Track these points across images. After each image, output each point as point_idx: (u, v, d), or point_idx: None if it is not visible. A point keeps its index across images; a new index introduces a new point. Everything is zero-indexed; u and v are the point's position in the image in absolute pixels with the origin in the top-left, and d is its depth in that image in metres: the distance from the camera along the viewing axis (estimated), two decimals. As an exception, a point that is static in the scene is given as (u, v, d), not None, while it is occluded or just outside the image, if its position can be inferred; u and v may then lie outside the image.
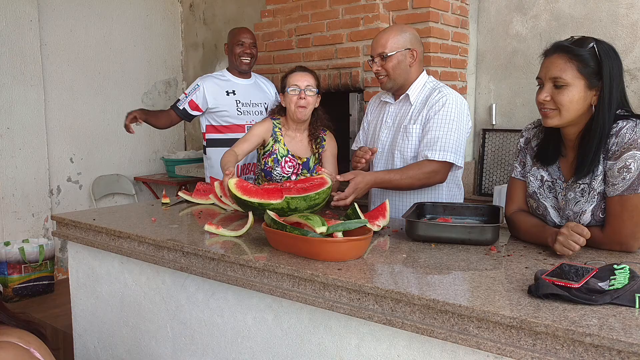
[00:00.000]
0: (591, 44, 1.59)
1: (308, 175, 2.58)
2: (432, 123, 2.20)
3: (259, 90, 3.32)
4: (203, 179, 4.47)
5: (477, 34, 3.75)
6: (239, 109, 3.22)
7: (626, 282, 1.25)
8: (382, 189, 2.38)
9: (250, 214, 1.96)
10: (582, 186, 1.65)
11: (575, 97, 1.60)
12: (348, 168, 3.60)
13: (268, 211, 1.80)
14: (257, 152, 2.67)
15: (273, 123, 2.60)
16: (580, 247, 1.53)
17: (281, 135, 2.57)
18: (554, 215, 1.75)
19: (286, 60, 3.79)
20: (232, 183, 2.10)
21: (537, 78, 1.69)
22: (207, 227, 1.96)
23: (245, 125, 3.20)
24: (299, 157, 2.56)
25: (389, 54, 2.23)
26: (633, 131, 1.55)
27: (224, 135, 3.25)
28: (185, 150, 5.47)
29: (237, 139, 2.83)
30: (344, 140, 3.56)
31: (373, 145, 2.44)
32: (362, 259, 1.61)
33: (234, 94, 3.23)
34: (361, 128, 2.66)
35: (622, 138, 1.55)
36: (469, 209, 2.08)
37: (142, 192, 5.21)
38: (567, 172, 1.71)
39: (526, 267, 1.51)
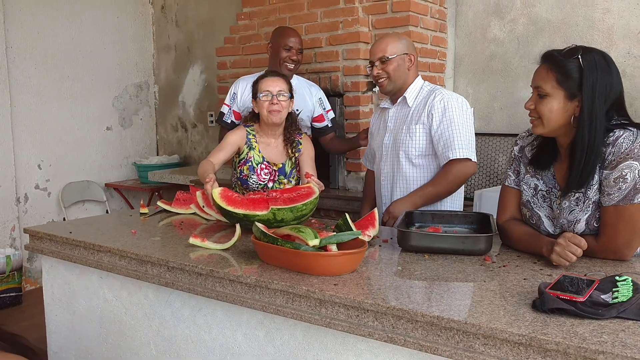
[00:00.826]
0: (576, 55, 1.58)
1: (285, 181, 2.52)
2: (443, 126, 2.29)
3: (296, 97, 3.00)
4: (179, 186, 4.37)
5: (455, 38, 3.76)
6: None
7: (631, 295, 1.23)
8: (389, 186, 2.46)
9: (238, 226, 1.90)
10: (577, 195, 1.64)
11: (555, 107, 1.60)
12: (328, 172, 3.56)
13: (257, 223, 1.74)
14: (233, 160, 2.60)
15: (247, 130, 2.54)
16: (577, 257, 1.52)
17: (255, 142, 2.51)
18: (547, 224, 1.73)
19: (264, 63, 3.70)
20: (216, 193, 2.03)
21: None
22: (192, 240, 1.88)
23: None
24: (274, 164, 2.51)
25: (389, 57, 2.34)
26: (630, 141, 1.54)
27: None
28: (158, 155, 5.35)
29: None
30: (324, 145, 3.51)
31: (378, 150, 2.52)
32: (357, 272, 1.57)
33: None
34: (368, 144, 2.73)
35: (619, 148, 1.54)
36: (458, 217, 2.06)
37: (114, 199, 5.07)
38: (562, 180, 1.70)
39: (524, 279, 1.48)
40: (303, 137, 2.59)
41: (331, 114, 3.17)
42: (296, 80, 3.10)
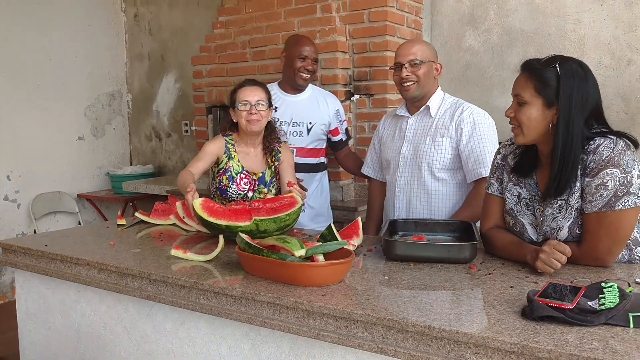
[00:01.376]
0: (554, 64, 1.61)
1: (265, 190, 2.50)
2: (473, 142, 2.24)
3: (310, 108, 2.93)
4: (154, 196, 4.30)
5: (430, 48, 3.79)
6: None
7: (617, 302, 1.25)
8: (406, 198, 2.38)
9: (221, 237, 1.87)
10: (559, 202, 1.66)
11: (533, 115, 1.63)
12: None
13: (241, 234, 1.71)
14: (211, 170, 2.57)
15: (225, 140, 2.51)
16: (562, 264, 1.53)
17: (235, 151, 2.49)
18: (531, 232, 1.75)
19: (240, 72, 3.70)
20: (197, 204, 2.00)
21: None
22: (174, 252, 1.85)
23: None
24: (253, 173, 2.49)
25: (422, 61, 2.28)
26: (610, 149, 1.56)
27: None
28: (132, 165, 5.27)
29: None
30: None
31: (394, 160, 2.42)
32: (344, 282, 1.56)
33: (275, 110, 2.82)
34: (371, 150, 2.64)
35: (600, 155, 1.57)
36: (440, 225, 2.07)
37: (86, 210, 4.96)
38: (545, 188, 1.72)
39: (511, 287, 1.49)
40: (282, 145, 2.58)
41: (345, 125, 3.05)
42: (311, 90, 2.99)
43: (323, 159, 3.00)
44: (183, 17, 4.86)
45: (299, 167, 2.84)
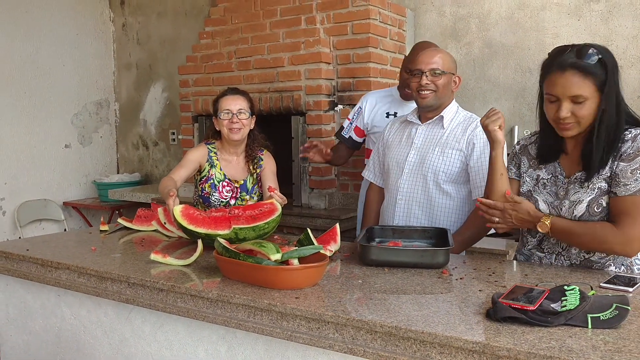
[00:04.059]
0: (596, 55, 1.64)
1: (247, 197, 2.54)
2: (484, 158, 2.18)
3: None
4: (140, 204, 4.32)
5: (413, 60, 3.86)
6: None
7: (577, 303, 1.30)
8: (407, 206, 2.32)
9: (200, 242, 1.90)
10: (581, 179, 1.73)
11: (594, 107, 1.67)
12: (291, 189, 3.59)
13: (219, 238, 1.75)
14: (194, 178, 2.60)
15: (208, 148, 2.55)
16: (498, 209, 1.76)
17: (217, 159, 2.53)
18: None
19: (226, 82, 3.75)
20: (177, 211, 2.03)
21: (549, 94, 1.70)
22: (153, 257, 1.88)
23: None
24: (235, 181, 2.52)
25: (444, 72, 2.23)
26: None
27: None
28: (118, 173, 5.29)
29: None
30: (287, 163, 3.55)
31: (398, 166, 2.36)
32: (318, 285, 1.59)
33: (395, 116, 2.80)
34: (374, 154, 2.57)
35: (638, 143, 1.65)
36: (417, 232, 2.11)
37: (72, 218, 4.97)
38: (569, 167, 1.79)
39: (480, 290, 1.54)
40: (264, 153, 2.62)
41: None
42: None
43: None
44: (171, 27, 4.91)
45: None
